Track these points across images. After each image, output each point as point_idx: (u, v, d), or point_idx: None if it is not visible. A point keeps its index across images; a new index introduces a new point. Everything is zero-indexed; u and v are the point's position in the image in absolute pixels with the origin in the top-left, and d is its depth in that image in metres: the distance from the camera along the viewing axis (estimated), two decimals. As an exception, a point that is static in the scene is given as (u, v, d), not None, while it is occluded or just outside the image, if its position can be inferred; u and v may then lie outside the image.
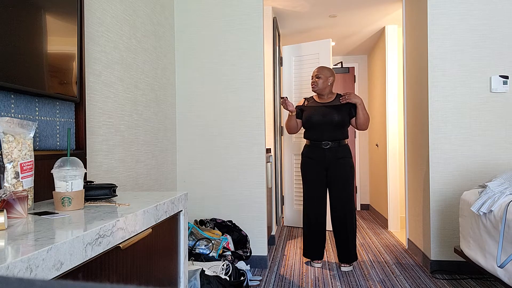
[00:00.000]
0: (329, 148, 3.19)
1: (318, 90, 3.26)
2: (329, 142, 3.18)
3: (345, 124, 3.20)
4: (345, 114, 3.19)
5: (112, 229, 0.98)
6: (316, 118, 3.19)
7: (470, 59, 3.03)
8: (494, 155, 3.00)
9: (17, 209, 1.03)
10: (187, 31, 3.23)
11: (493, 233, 2.12)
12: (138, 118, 2.50)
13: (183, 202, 1.53)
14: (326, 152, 3.20)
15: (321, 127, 3.18)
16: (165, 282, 1.38)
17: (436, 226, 3.07)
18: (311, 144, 3.27)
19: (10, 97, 1.32)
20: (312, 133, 3.23)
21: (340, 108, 3.20)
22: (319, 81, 3.24)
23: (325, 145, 3.19)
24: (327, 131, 3.18)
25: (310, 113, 3.23)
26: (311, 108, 3.26)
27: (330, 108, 3.22)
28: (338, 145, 3.19)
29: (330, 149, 3.19)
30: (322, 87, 3.25)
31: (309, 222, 3.27)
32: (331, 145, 3.18)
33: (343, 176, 3.19)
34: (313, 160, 3.24)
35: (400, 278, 2.96)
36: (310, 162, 3.25)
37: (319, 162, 3.22)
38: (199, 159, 3.22)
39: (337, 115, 3.17)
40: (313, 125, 3.21)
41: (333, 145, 3.18)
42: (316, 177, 3.24)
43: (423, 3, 3.18)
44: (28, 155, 1.19)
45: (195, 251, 2.61)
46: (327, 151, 3.19)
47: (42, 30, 1.40)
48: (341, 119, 3.17)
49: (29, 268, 0.70)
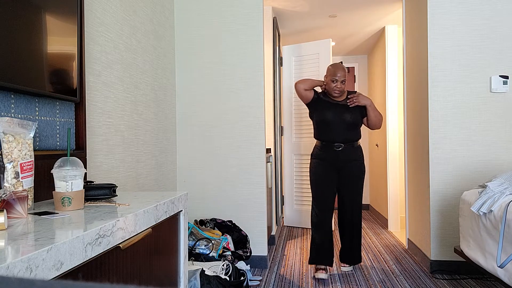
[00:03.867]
0: (342, 150, 3.01)
1: (340, 95, 3.06)
2: (342, 144, 3.01)
3: (358, 124, 3.04)
4: (357, 114, 3.04)
5: (112, 229, 0.98)
6: (329, 116, 3.00)
7: (470, 59, 3.03)
8: (494, 155, 3.00)
9: (17, 209, 1.03)
10: (187, 31, 3.23)
11: (493, 233, 2.12)
12: (138, 118, 2.50)
13: (183, 202, 1.53)
14: (339, 154, 3.02)
15: (334, 127, 3.01)
16: (165, 282, 1.38)
17: (436, 226, 3.07)
18: (322, 146, 3.07)
19: (10, 97, 1.32)
20: (325, 133, 3.04)
21: (353, 107, 3.06)
22: (343, 86, 3.03)
23: (338, 147, 3.01)
24: (340, 132, 3.01)
25: (323, 111, 3.04)
26: (324, 104, 3.07)
27: (343, 107, 3.04)
28: (352, 146, 3.04)
29: (343, 151, 3.01)
30: (344, 90, 3.08)
31: (320, 225, 3.06)
32: (344, 146, 3.01)
33: (355, 179, 3.06)
34: (325, 162, 3.06)
35: (400, 278, 2.96)
36: (322, 164, 3.06)
37: (331, 164, 3.05)
38: (199, 159, 3.22)
39: (350, 115, 3.01)
40: (327, 124, 3.01)
41: (346, 146, 3.02)
42: (327, 179, 3.05)
43: (423, 3, 3.18)
44: (28, 155, 1.19)
45: (195, 251, 2.61)
46: (340, 153, 3.02)
47: (42, 30, 1.40)
48: (354, 119, 3.01)
49: (29, 268, 0.70)
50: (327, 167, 3.06)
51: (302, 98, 3.08)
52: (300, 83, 3.05)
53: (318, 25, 4.80)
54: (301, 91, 3.04)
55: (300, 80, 3.06)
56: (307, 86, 3.04)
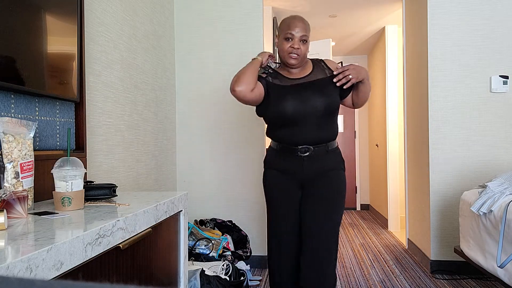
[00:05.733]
0: (310, 156, 1.92)
1: (300, 62, 1.95)
2: (310, 146, 1.91)
3: (334, 111, 1.95)
4: (333, 93, 1.93)
5: (112, 229, 0.98)
6: (288, 107, 1.88)
7: (470, 59, 3.03)
8: (494, 155, 3.00)
9: (17, 209, 1.03)
10: (187, 31, 3.23)
11: (493, 233, 2.12)
12: (138, 118, 2.50)
13: (183, 202, 1.53)
14: (304, 162, 1.93)
15: (299, 121, 1.89)
16: (165, 282, 1.38)
17: (436, 226, 3.07)
18: (280, 149, 1.98)
19: (10, 97, 1.32)
20: (284, 132, 1.93)
21: (325, 84, 1.93)
22: (304, 48, 1.93)
23: (303, 151, 1.91)
24: (308, 128, 1.90)
25: (281, 98, 1.90)
26: (278, 90, 1.93)
27: (308, 87, 1.92)
28: (325, 150, 1.94)
29: (311, 158, 1.92)
30: (305, 55, 1.97)
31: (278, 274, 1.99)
32: (314, 150, 1.91)
33: (328, 200, 1.93)
34: (284, 174, 1.98)
35: (400, 278, 2.96)
36: (279, 177, 1.99)
37: (293, 177, 1.97)
38: (199, 159, 3.22)
39: (322, 98, 1.89)
40: (286, 119, 1.89)
41: (317, 150, 1.92)
42: (289, 201, 1.98)
43: (423, 3, 3.18)
44: (28, 155, 1.19)
45: (195, 251, 2.61)
46: (306, 160, 1.92)
47: (42, 30, 1.40)
48: (329, 103, 1.90)
49: (29, 268, 0.70)
50: (287, 182, 1.98)
51: (253, 101, 1.93)
52: (239, 83, 1.86)
53: (318, 25, 4.80)
54: (247, 93, 1.87)
55: (236, 80, 1.87)
56: (251, 80, 1.87)
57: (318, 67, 2.00)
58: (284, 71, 2.00)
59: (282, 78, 1.98)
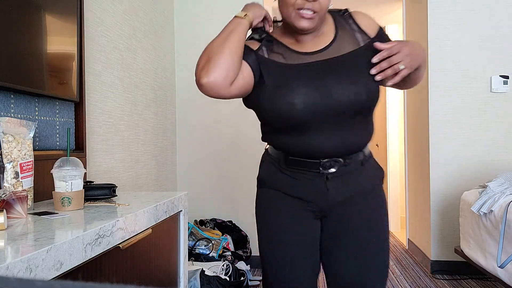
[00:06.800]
0: (338, 173, 1.18)
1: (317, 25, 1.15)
2: (339, 158, 1.17)
3: (373, 106, 1.20)
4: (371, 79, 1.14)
5: (112, 229, 0.98)
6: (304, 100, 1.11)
7: (470, 59, 3.03)
8: (494, 155, 3.00)
9: (17, 209, 1.03)
10: (187, 31, 3.23)
11: (493, 233, 2.12)
12: (138, 118, 2.50)
13: (183, 202, 1.53)
14: (329, 182, 1.19)
15: (316, 123, 1.13)
16: (165, 282, 1.38)
17: (436, 226, 3.06)
18: (287, 162, 1.25)
19: (10, 97, 1.31)
20: (292, 139, 1.19)
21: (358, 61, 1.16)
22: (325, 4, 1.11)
23: (328, 166, 1.17)
24: (334, 132, 1.15)
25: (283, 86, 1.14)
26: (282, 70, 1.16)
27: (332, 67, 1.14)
28: (360, 161, 1.22)
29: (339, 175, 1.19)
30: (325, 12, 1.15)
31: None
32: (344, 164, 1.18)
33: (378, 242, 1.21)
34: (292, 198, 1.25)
35: (400, 278, 2.96)
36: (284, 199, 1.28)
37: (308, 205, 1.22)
38: (199, 159, 3.22)
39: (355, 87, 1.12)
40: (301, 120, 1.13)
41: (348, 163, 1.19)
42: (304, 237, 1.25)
43: (423, 3, 3.18)
44: (28, 155, 1.19)
45: (195, 251, 2.60)
46: (332, 179, 1.19)
47: (42, 30, 1.40)
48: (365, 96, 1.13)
49: (29, 268, 0.69)
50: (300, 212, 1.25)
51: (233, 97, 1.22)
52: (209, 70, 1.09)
53: (318, 25, 4.80)
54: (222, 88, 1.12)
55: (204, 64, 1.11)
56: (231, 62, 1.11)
57: (344, 29, 1.20)
58: (289, 39, 1.20)
59: (285, 51, 1.18)
